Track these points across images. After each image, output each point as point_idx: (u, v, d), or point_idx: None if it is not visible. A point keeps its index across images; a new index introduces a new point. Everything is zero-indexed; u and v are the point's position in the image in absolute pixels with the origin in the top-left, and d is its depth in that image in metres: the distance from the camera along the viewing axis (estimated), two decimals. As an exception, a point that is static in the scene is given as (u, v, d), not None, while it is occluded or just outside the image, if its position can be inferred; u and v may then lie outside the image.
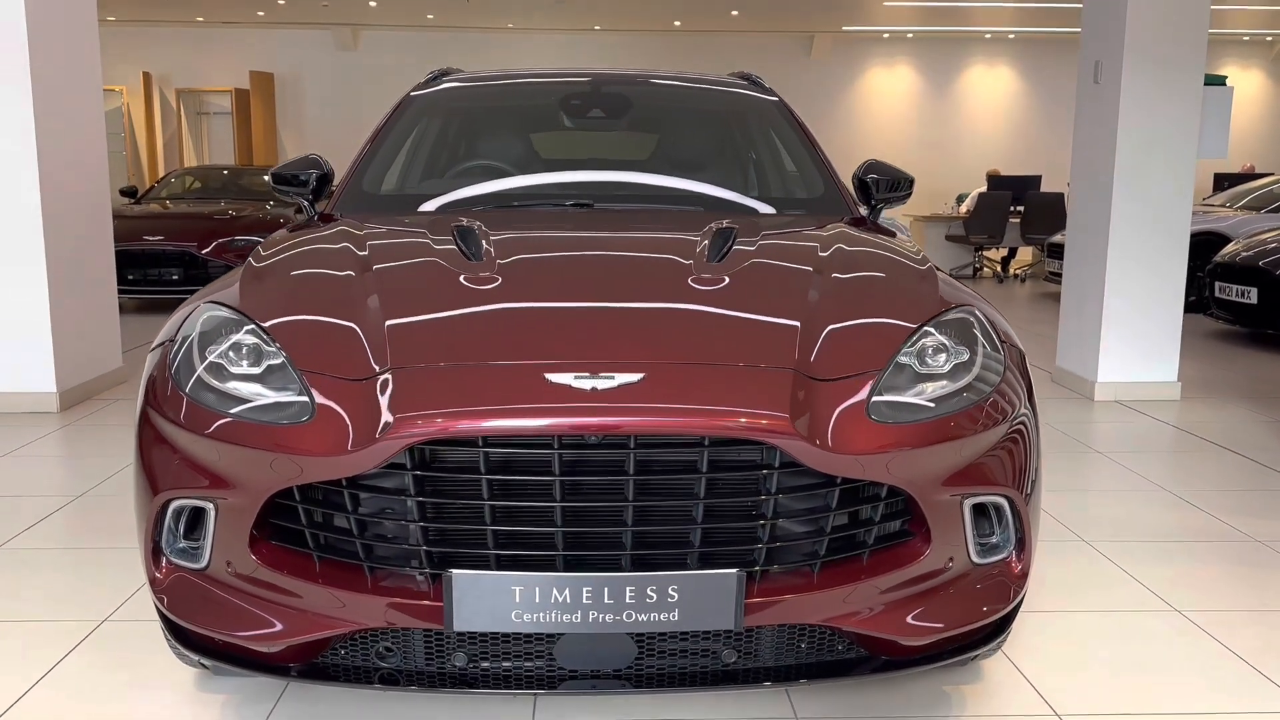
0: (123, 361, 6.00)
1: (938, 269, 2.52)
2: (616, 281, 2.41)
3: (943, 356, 2.12)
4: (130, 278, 8.73)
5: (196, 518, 2.06)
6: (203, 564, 2.05)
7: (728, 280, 2.31)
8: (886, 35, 17.59)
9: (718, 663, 2.01)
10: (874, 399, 2.00)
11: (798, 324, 2.11)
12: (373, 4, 14.90)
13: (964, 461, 2.03)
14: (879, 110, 17.67)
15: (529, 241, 2.66)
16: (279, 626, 1.98)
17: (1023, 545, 2.16)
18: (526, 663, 1.99)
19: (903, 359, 2.09)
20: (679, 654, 2.01)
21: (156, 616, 2.49)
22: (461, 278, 2.30)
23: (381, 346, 2.01)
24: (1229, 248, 8.53)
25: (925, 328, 2.15)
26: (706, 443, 1.88)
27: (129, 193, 10.80)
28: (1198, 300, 8.47)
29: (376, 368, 1.97)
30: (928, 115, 17.79)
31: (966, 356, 2.14)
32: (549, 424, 1.84)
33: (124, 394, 5.69)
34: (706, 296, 2.25)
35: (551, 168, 3.65)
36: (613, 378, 1.89)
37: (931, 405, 2.04)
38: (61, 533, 3.61)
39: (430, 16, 15.92)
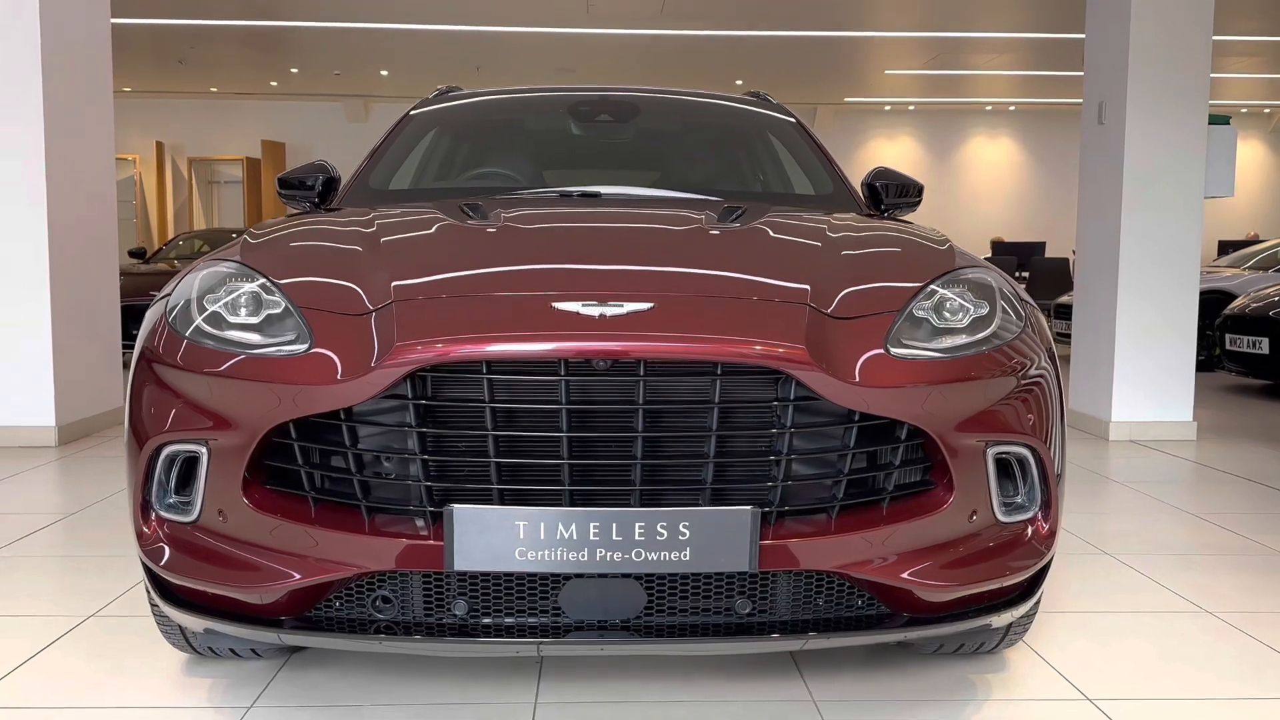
0: (123, 402, 5.97)
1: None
2: (626, 232, 2.36)
3: (960, 309, 2.07)
4: (135, 333, 8.72)
5: (187, 471, 1.98)
6: (193, 516, 1.96)
7: (740, 234, 2.27)
8: (888, 107, 17.88)
9: (732, 615, 1.90)
10: (892, 340, 1.94)
11: (808, 286, 2.05)
12: (384, 73, 15.19)
13: (984, 404, 1.96)
14: (882, 180, 17.84)
15: (537, 215, 2.63)
16: (272, 575, 1.88)
17: (1049, 505, 2.07)
18: (530, 618, 1.88)
19: (920, 313, 2.03)
20: (691, 610, 1.90)
21: (146, 611, 2.41)
22: (467, 231, 2.26)
23: (385, 290, 1.96)
24: (1238, 301, 8.51)
25: (941, 281, 2.10)
26: (719, 371, 1.81)
27: (138, 254, 10.90)
28: (1207, 359, 8.42)
29: (378, 304, 1.92)
30: (930, 184, 17.85)
31: (985, 311, 2.09)
32: (555, 348, 1.77)
33: (122, 432, 5.64)
34: (718, 243, 2.20)
35: (559, 180, 3.61)
36: (622, 306, 1.83)
37: (950, 350, 1.99)
38: (52, 543, 3.52)
39: (440, 88, 16.20)
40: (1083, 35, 6.17)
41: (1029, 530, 2.05)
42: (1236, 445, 5.62)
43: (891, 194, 3.17)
